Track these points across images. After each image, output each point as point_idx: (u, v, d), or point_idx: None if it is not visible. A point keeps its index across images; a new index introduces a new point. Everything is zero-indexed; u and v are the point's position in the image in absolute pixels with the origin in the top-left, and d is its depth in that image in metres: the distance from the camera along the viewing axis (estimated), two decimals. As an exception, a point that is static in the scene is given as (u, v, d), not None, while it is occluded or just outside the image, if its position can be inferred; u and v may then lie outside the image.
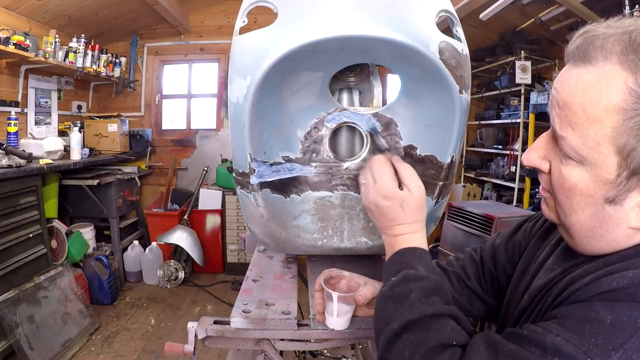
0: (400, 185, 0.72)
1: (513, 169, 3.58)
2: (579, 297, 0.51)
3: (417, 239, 0.71)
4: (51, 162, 2.80)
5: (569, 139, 0.51)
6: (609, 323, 0.45)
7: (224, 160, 4.10)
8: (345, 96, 0.92)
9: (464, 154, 4.42)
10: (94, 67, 3.55)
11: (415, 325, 0.56)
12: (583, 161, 0.50)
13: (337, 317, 0.78)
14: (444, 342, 0.53)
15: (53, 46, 3.05)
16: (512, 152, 3.60)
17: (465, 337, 0.55)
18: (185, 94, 4.44)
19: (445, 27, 0.78)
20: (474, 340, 0.54)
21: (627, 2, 2.37)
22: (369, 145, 0.88)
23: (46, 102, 3.44)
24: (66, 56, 3.23)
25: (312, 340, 0.86)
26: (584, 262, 0.57)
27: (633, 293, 0.46)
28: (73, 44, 3.27)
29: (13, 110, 2.87)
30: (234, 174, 0.90)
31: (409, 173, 0.72)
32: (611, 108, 0.47)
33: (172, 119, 4.47)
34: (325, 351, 2.04)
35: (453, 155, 0.83)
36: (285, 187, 0.89)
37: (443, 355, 0.52)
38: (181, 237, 3.61)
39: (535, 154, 0.58)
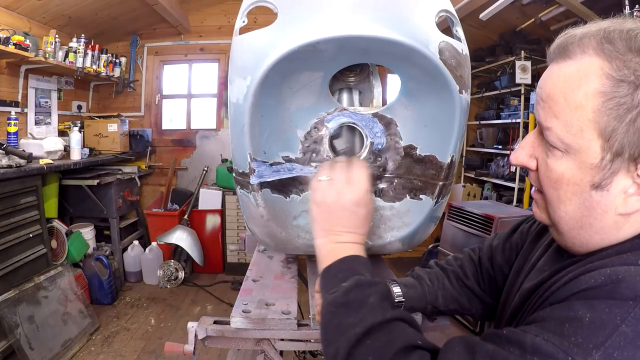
0: None
1: (513, 169, 3.59)
2: (558, 297, 0.51)
3: (361, 249, 0.68)
4: (51, 162, 2.80)
5: (554, 129, 0.52)
6: (588, 321, 0.45)
7: (224, 160, 4.10)
8: (345, 96, 0.92)
9: (464, 154, 4.42)
10: (94, 67, 3.55)
11: (378, 329, 0.54)
12: (568, 149, 0.52)
13: None
14: (410, 344, 0.52)
15: (53, 46, 3.05)
16: (512, 152, 3.59)
17: (426, 340, 0.54)
18: (185, 94, 4.44)
19: (445, 27, 0.78)
20: (450, 341, 0.53)
21: (627, 2, 2.37)
22: (369, 145, 0.88)
23: (46, 102, 3.44)
24: (66, 56, 3.23)
25: (312, 340, 0.86)
26: (569, 264, 0.57)
27: (611, 290, 0.46)
28: (73, 44, 3.27)
29: (13, 110, 2.87)
30: (234, 174, 0.90)
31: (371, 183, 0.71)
32: (591, 93, 0.49)
33: (172, 119, 4.47)
34: (325, 351, 2.04)
35: (453, 155, 0.83)
36: (285, 187, 0.89)
37: (411, 357, 0.51)
38: (181, 237, 3.61)
39: (523, 152, 0.59)
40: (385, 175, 0.90)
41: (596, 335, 0.44)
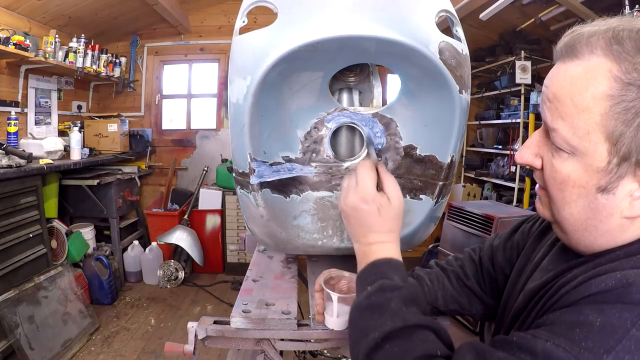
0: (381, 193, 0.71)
1: (513, 169, 3.59)
2: (567, 301, 0.50)
3: (392, 249, 0.68)
4: (51, 162, 2.80)
5: (560, 130, 0.51)
6: (599, 326, 0.44)
7: (224, 160, 4.10)
8: (345, 96, 0.92)
9: (464, 154, 4.42)
10: (94, 67, 3.55)
11: (397, 335, 0.54)
12: (574, 151, 0.51)
13: (337, 318, 0.77)
14: (428, 353, 0.52)
15: (53, 46, 3.05)
16: (512, 152, 3.60)
17: (447, 350, 0.54)
18: (185, 94, 4.44)
19: (445, 27, 0.78)
20: (459, 348, 0.52)
21: (627, 2, 2.37)
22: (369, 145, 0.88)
23: (46, 102, 3.44)
24: (66, 56, 3.23)
25: (312, 340, 0.86)
26: (575, 265, 0.56)
27: (621, 294, 0.45)
28: (73, 44, 3.27)
29: (13, 110, 2.87)
30: (234, 174, 0.90)
31: (392, 183, 0.71)
32: (598, 96, 0.48)
33: (172, 119, 4.47)
34: (325, 351, 2.04)
35: (453, 155, 0.83)
36: (285, 187, 0.89)
37: None
38: (181, 237, 3.61)
39: (528, 151, 0.58)
40: (385, 175, 0.90)
41: (607, 339, 0.43)
